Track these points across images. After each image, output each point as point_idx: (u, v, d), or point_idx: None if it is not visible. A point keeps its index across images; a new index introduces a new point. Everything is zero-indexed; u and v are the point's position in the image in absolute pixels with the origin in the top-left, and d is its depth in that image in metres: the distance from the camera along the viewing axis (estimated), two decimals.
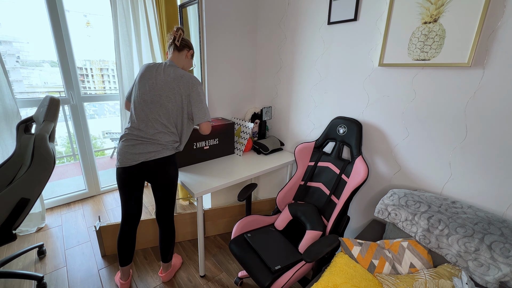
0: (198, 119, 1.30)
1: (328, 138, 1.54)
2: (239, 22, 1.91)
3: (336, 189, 1.43)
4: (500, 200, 1.07)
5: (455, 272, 1.00)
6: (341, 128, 1.48)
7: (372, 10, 1.33)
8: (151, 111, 1.25)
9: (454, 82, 1.11)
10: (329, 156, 1.53)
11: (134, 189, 1.35)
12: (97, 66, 8.51)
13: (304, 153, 1.60)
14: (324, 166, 1.54)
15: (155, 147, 1.24)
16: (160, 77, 1.26)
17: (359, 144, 1.39)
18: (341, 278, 1.03)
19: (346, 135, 1.45)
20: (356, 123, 1.41)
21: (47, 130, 1.30)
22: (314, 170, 1.57)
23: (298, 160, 1.60)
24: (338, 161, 1.48)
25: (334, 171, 1.47)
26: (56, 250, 1.81)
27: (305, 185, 1.58)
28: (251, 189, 1.50)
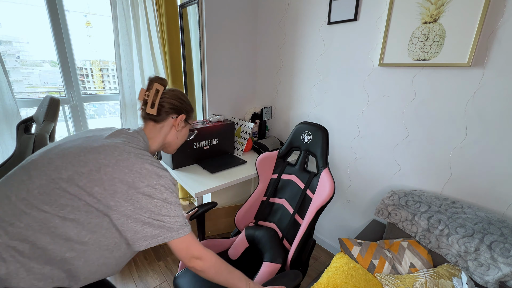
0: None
1: (292, 147, 1.33)
2: (239, 22, 1.91)
3: (300, 207, 1.23)
4: (500, 200, 1.07)
5: (455, 272, 1.00)
6: (306, 135, 1.27)
7: (372, 10, 1.33)
8: None
9: (454, 82, 1.11)
10: (293, 168, 1.33)
11: None
12: (97, 66, 8.49)
13: (267, 164, 1.38)
14: (288, 179, 1.33)
15: None
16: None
17: (325, 154, 1.20)
18: (341, 278, 1.02)
19: (311, 143, 1.24)
20: (322, 129, 1.23)
21: (47, 130, 1.30)
22: (277, 184, 1.35)
23: (259, 172, 1.37)
24: (303, 173, 1.29)
25: (299, 186, 1.27)
26: None
27: (267, 201, 1.35)
28: (206, 207, 1.28)
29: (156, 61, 2.37)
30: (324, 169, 1.17)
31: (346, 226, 1.73)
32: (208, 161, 1.71)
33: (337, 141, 1.67)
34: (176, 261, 1.74)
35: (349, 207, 1.68)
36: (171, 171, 1.63)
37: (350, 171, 1.63)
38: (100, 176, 0.63)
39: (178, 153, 1.59)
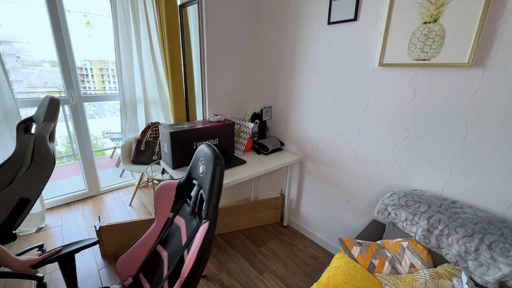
0: None
1: (191, 177, 1.02)
2: (239, 22, 1.91)
3: (172, 275, 0.86)
4: (500, 200, 1.07)
5: (455, 272, 1.00)
6: (201, 164, 0.92)
7: (372, 10, 1.33)
8: None
9: (454, 82, 1.11)
10: (187, 208, 1.00)
11: None
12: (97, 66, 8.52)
13: (165, 196, 1.06)
14: (178, 225, 0.99)
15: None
16: None
17: (213, 198, 0.83)
18: (341, 278, 1.03)
19: (204, 177, 0.89)
20: (215, 160, 0.84)
21: (47, 130, 1.30)
22: (169, 228, 1.03)
23: (156, 207, 1.06)
24: (192, 220, 0.94)
25: (182, 240, 0.93)
26: None
27: (154, 249, 1.03)
28: (73, 246, 0.97)
29: (156, 61, 2.38)
30: (205, 222, 0.80)
31: (346, 226, 1.73)
32: None
33: (337, 141, 1.67)
34: None
35: (349, 207, 1.68)
36: (170, 171, 1.63)
37: (350, 171, 1.63)
38: None
39: (178, 153, 1.59)
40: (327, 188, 1.80)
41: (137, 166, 2.33)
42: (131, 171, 2.48)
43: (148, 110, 2.55)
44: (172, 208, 1.06)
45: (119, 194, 2.64)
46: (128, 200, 2.51)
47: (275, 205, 2.16)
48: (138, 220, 1.78)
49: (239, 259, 1.78)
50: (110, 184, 2.74)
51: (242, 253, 1.84)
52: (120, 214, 2.28)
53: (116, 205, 2.42)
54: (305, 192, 2.00)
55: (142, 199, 2.55)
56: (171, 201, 1.06)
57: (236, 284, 1.57)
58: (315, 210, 1.94)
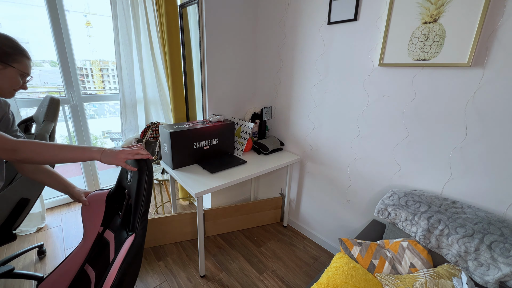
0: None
1: (121, 186, 0.94)
2: (239, 22, 1.91)
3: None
4: (500, 200, 1.07)
5: (455, 272, 1.00)
6: (129, 172, 0.87)
7: (372, 10, 1.33)
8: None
9: (454, 82, 1.11)
10: (118, 221, 0.90)
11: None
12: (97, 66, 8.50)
13: (94, 208, 0.94)
14: (107, 240, 0.90)
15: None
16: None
17: (140, 206, 0.75)
18: (341, 278, 1.03)
19: (132, 185, 0.81)
20: (142, 166, 0.78)
21: (47, 130, 1.30)
22: (98, 243, 0.92)
23: (84, 221, 0.94)
24: (122, 233, 0.84)
25: (110, 256, 0.85)
26: (56, 250, 1.81)
27: (81, 269, 0.92)
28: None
29: (156, 61, 2.38)
30: (131, 235, 0.71)
31: (346, 226, 1.73)
32: (208, 161, 1.71)
33: (337, 141, 1.67)
34: (176, 261, 1.74)
35: (349, 207, 1.68)
36: (170, 171, 1.63)
37: (350, 171, 1.63)
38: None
39: (178, 153, 1.59)
40: (327, 188, 1.80)
41: None
42: None
43: (148, 110, 2.54)
44: (102, 222, 0.94)
45: None
46: None
47: (275, 205, 2.16)
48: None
49: (239, 259, 1.78)
50: (110, 184, 2.74)
51: (242, 253, 1.84)
52: None
53: None
54: (305, 192, 2.00)
55: None
56: (101, 214, 0.94)
57: (236, 284, 1.57)
58: (315, 210, 1.94)
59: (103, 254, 0.88)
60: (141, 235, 0.73)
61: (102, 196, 0.96)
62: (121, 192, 0.93)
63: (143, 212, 0.76)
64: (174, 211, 2.10)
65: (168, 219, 1.83)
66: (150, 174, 0.78)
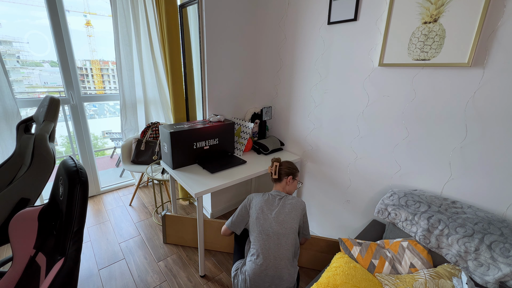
0: (306, 235, 1.40)
1: (56, 201, 0.83)
2: (239, 22, 1.91)
3: None
4: (500, 200, 1.07)
5: (455, 272, 1.00)
6: (61, 184, 0.76)
7: (372, 10, 1.33)
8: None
9: (454, 82, 1.11)
10: (52, 241, 0.80)
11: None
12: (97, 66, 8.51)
13: (24, 229, 0.82)
14: (39, 264, 0.80)
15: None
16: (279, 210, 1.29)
17: (72, 224, 0.67)
18: (341, 278, 1.03)
19: (63, 200, 0.72)
20: (73, 177, 0.68)
21: (47, 130, 1.30)
22: (29, 269, 0.80)
23: (13, 244, 0.81)
24: (55, 255, 0.73)
25: (40, 283, 0.77)
26: None
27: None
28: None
29: (156, 61, 2.38)
30: (58, 261, 0.63)
31: (346, 226, 1.73)
32: (208, 161, 1.71)
33: (337, 141, 1.67)
34: (176, 261, 1.74)
35: (349, 207, 1.68)
36: (170, 171, 1.63)
37: (350, 171, 1.63)
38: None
39: (178, 153, 1.59)
40: (327, 188, 1.80)
41: (137, 166, 2.33)
42: (131, 171, 2.48)
43: (148, 110, 2.55)
44: (35, 244, 0.79)
45: (119, 194, 2.64)
46: (128, 200, 2.51)
47: None
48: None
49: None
50: (110, 184, 2.74)
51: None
52: (120, 214, 2.28)
53: (116, 205, 2.42)
54: (305, 192, 2.00)
55: (142, 199, 2.55)
56: (33, 234, 0.80)
57: None
58: (315, 210, 1.94)
59: (33, 283, 0.76)
60: (73, 258, 0.60)
61: (33, 214, 0.81)
62: (56, 208, 0.80)
63: (76, 231, 0.64)
64: (174, 211, 2.10)
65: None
66: (83, 187, 0.66)
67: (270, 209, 1.30)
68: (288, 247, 1.22)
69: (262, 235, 1.23)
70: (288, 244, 1.22)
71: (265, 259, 1.18)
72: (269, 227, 1.24)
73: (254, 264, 1.19)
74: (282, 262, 1.19)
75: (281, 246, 1.21)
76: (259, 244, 1.22)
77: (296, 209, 1.30)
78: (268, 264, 1.18)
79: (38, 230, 0.81)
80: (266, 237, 1.22)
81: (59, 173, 0.76)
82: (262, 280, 1.16)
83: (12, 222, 0.79)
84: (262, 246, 1.21)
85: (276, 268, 1.17)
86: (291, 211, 1.29)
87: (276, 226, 1.24)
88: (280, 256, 1.20)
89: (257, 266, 1.17)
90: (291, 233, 1.24)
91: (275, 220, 1.26)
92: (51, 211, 0.81)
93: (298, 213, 1.30)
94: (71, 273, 0.56)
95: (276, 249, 1.20)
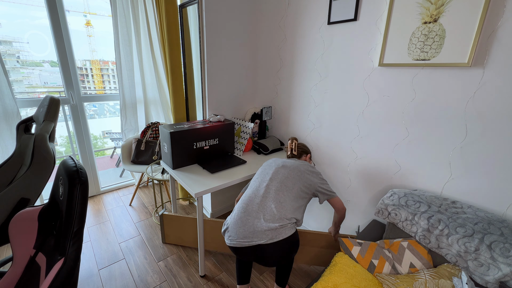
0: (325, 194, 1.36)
1: (55, 201, 0.84)
2: (239, 22, 1.91)
3: None
4: (500, 200, 1.07)
5: (455, 272, 1.00)
6: (61, 184, 0.77)
7: (372, 10, 1.33)
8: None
9: (454, 82, 1.11)
10: (52, 241, 0.81)
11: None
12: (97, 66, 8.51)
13: (24, 229, 0.83)
14: (39, 264, 0.81)
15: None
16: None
17: (72, 225, 0.67)
18: (341, 278, 1.03)
19: (63, 201, 0.73)
20: (73, 177, 0.69)
21: (47, 130, 1.30)
22: (29, 269, 0.81)
23: (13, 244, 0.82)
24: (54, 255, 0.74)
25: (40, 283, 0.78)
26: None
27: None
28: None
29: (156, 61, 2.38)
30: (58, 261, 0.64)
31: (346, 226, 1.73)
32: (208, 161, 1.71)
33: (337, 141, 1.67)
34: (176, 261, 1.74)
35: (349, 207, 1.68)
36: (170, 171, 1.63)
37: (350, 171, 1.63)
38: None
39: (178, 153, 1.59)
40: None
41: (137, 166, 2.33)
42: (131, 171, 2.48)
43: (148, 110, 2.55)
44: (35, 244, 0.80)
45: (119, 194, 2.64)
46: (128, 200, 2.51)
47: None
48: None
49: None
50: (110, 184, 2.74)
51: None
52: (120, 214, 2.28)
53: (116, 205, 2.42)
54: None
55: (142, 199, 2.55)
56: (33, 234, 0.81)
57: (236, 284, 1.57)
58: (315, 209, 1.94)
59: (34, 282, 0.77)
60: (73, 258, 0.61)
61: (33, 214, 0.82)
62: (56, 208, 0.81)
63: (76, 232, 0.65)
64: (174, 211, 2.10)
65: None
66: (83, 187, 0.66)
67: (277, 164, 1.31)
68: (278, 200, 1.17)
69: (257, 178, 1.30)
70: (279, 198, 1.18)
71: (250, 202, 1.19)
72: (266, 174, 1.28)
73: (240, 204, 1.21)
74: (266, 212, 1.14)
75: (268, 196, 1.18)
76: (251, 189, 1.26)
77: (302, 171, 1.27)
78: (251, 208, 1.17)
79: (38, 230, 0.81)
80: (261, 180, 1.26)
81: (59, 173, 0.76)
82: (243, 221, 1.14)
83: (12, 222, 0.80)
84: (250, 191, 1.24)
85: (255, 216, 1.14)
86: (295, 169, 1.27)
87: (274, 175, 1.25)
88: (264, 204, 1.17)
89: (241, 210, 1.18)
90: (288, 186, 1.21)
91: (275, 171, 1.27)
92: (51, 211, 0.81)
93: (303, 173, 1.27)
94: (71, 273, 0.57)
95: (262, 200, 1.18)
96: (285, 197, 1.19)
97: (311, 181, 1.26)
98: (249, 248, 1.11)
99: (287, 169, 1.28)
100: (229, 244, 1.15)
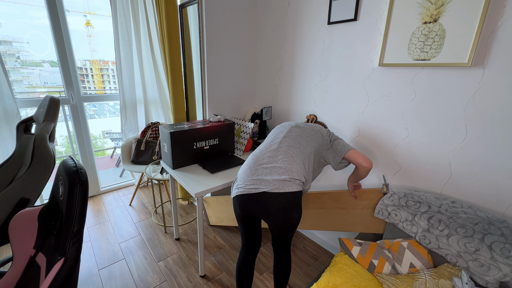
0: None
1: (55, 201, 0.84)
2: (239, 22, 1.91)
3: None
4: (500, 200, 1.07)
5: (455, 272, 1.00)
6: (61, 184, 0.76)
7: (372, 10, 1.33)
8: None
9: (454, 82, 1.11)
10: (52, 241, 0.81)
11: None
12: (97, 66, 8.50)
13: (24, 229, 0.82)
14: (39, 264, 0.80)
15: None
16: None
17: (72, 225, 0.67)
18: (341, 278, 1.03)
19: (63, 200, 0.73)
20: (72, 177, 0.69)
21: (47, 130, 1.30)
22: (29, 269, 0.80)
23: (13, 244, 0.81)
24: (55, 255, 0.74)
25: (40, 284, 0.78)
26: None
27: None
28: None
29: (156, 61, 2.38)
30: (58, 261, 0.63)
31: None
32: (208, 161, 1.71)
33: None
34: (176, 261, 1.74)
35: None
36: (170, 171, 1.63)
37: (350, 171, 1.63)
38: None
39: (178, 153, 1.59)
40: (327, 188, 1.80)
41: (137, 166, 2.33)
42: (131, 171, 2.48)
43: (148, 110, 2.55)
44: (35, 244, 0.80)
45: (119, 194, 2.64)
46: (128, 200, 2.51)
47: None
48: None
49: None
50: (110, 184, 2.74)
51: None
52: (120, 214, 2.28)
53: (116, 205, 2.42)
54: None
55: (142, 199, 2.56)
56: (33, 234, 0.81)
57: None
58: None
59: (34, 282, 0.77)
60: (73, 258, 0.61)
61: (33, 214, 0.82)
62: (56, 208, 0.81)
63: (76, 232, 0.64)
64: (174, 211, 2.10)
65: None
66: (83, 187, 0.66)
67: (291, 124, 1.32)
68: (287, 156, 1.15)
69: (271, 135, 1.30)
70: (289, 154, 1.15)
71: (261, 155, 1.19)
72: (280, 132, 1.28)
73: (251, 158, 1.21)
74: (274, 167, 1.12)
75: (278, 155, 1.16)
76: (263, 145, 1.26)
77: (316, 131, 1.26)
78: (262, 160, 1.16)
79: (38, 230, 0.81)
80: (274, 137, 1.26)
81: (59, 173, 0.76)
82: (252, 171, 1.14)
83: (12, 222, 0.80)
84: (261, 149, 1.23)
85: (263, 172, 1.12)
86: (309, 128, 1.28)
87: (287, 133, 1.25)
88: (274, 161, 1.14)
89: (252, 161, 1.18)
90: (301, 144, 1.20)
91: (290, 129, 1.27)
92: (51, 211, 0.81)
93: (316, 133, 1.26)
94: (71, 273, 0.57)
95: (271, 156, 1.16)
96: (297, 153, 1.17)
97: (323, 137, 1.26)
98: (254, 196, 1.08)
99: (301, 128, 1.28)
100: (236, 193, 1.13)
